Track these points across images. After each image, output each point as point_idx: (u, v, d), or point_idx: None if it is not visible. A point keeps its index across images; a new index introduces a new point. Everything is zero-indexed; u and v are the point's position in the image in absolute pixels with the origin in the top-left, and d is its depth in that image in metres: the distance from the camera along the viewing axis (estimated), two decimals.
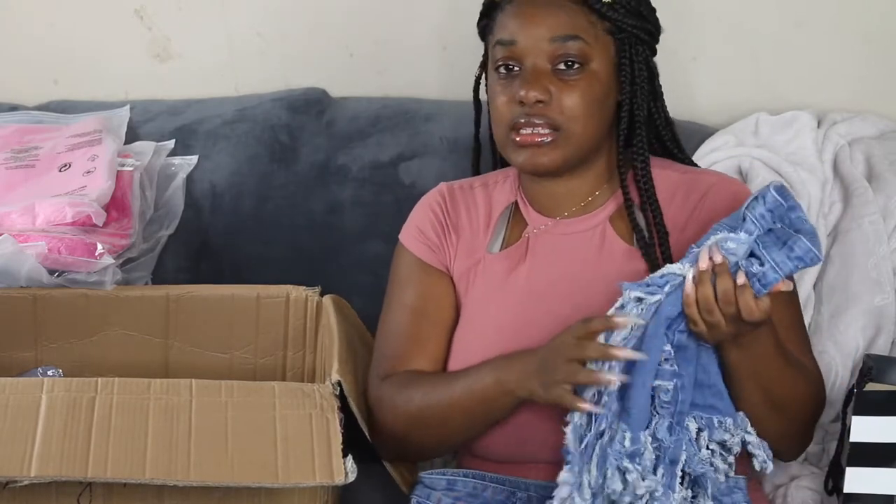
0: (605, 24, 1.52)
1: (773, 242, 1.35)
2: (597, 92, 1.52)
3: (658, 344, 1.37)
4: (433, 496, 1.58)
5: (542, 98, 1.50)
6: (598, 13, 1.52)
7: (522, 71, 1.52)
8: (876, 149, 1.89)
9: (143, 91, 2.15)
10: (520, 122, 1.51)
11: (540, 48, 1.51)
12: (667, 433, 1.38)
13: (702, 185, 1.57)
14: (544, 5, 1.52)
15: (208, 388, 1.48)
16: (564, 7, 1.51)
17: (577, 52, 1.50)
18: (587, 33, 1.51)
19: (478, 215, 1.64)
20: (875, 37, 1.99)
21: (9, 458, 1.37)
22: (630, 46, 1.54)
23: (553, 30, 1.50)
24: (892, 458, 1.48)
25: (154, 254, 1.91)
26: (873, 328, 1.76)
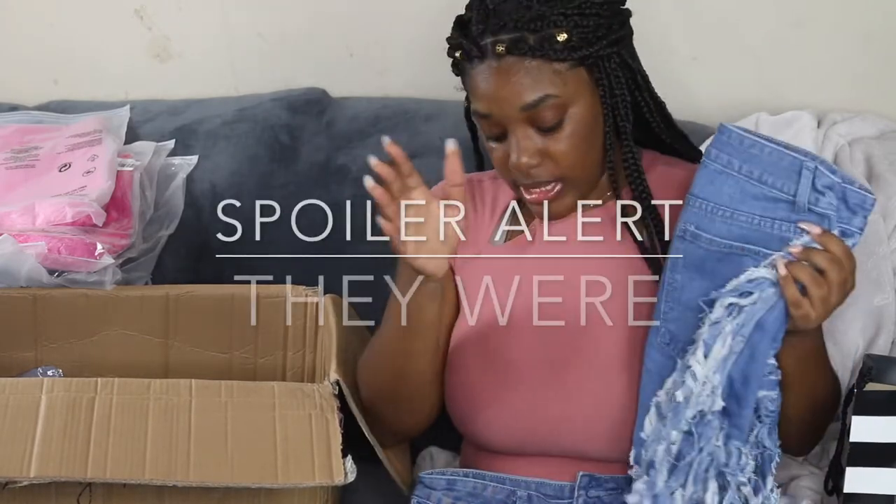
0: (569, 63, 1.48)
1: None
2: (584, 130, 1.50)
3: (763, 357, 1.39)
4: (433, 496, 1.58)
5: (533, 163, 1.49)
6: (558, 60, 1.46)
7: (508, 137, 1.50)
8: (876, 149, 1.89)
9: (143, 91, 2.15)
10: (523, 183, 1.51)
11: (514, 117, 1.48)
12: (769, 439, 1.43)
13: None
14: (505, 71, 1.46)
15: (208, 388, 1.49)
16: (525, 67, 1.46)
17: (551, 110, 1.47)
18: (555, 86, 1.47)
19: (483, 207, 1.64)
20: (875, 37, 1.98)
21: (8, 458, 1.38)
22: (602, 63, 1.50)
23: (520, 98, 1.46)
24: (892, 458, 1.48)
25: (154, 254, 1.91)
26: (873, 328, 1.76)
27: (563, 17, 1.45)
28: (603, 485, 1.52)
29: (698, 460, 1.41)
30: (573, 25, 1.46)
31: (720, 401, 1.39)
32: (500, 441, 1.56)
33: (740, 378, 1.39)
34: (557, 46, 1.45)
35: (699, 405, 1.40)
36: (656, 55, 1.59)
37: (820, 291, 1.37)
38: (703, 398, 1.39)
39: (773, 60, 2.00)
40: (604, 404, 1.51)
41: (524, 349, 1.55)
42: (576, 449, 1.53)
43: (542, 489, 1.53)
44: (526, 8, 1.46)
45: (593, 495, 1.52)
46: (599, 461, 1.52)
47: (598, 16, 1.48)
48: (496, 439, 1.56)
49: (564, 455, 1.53)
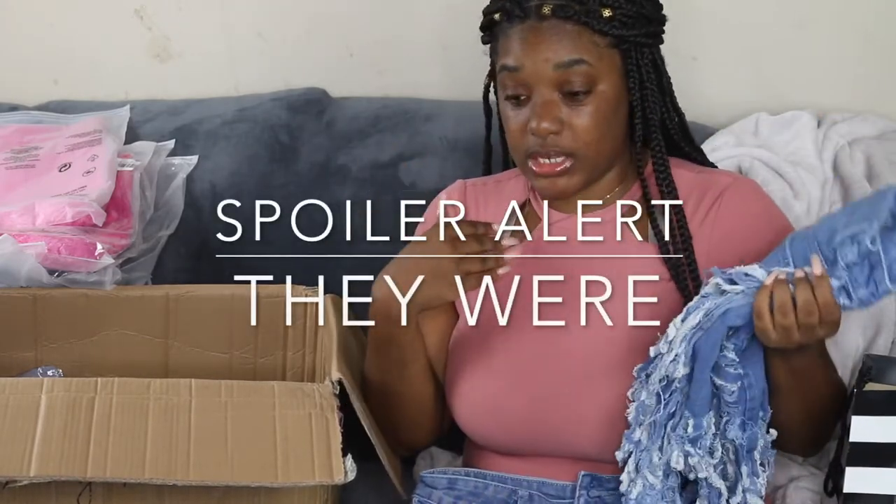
0: (608, 40, 1.51)
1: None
2: (607, 110, 1.51)
3: (713, 344, 1.39)
4: (434, 495, 1.58)
5: (553, 129, 1.50)
6: (599, 32, 1.50)
7: (531, 101, 1.51)
8: (876, 149, 1.89)
9: (143, 91, 2.15)
10: (535, 151, 1.52)
11: (545, 76, 1.50)
12: (739, 431, 1.42)
13: (717, 186, 1.57)
14: (546, 30, 1.50)
15: (208, 388, 1.48)
16: (566, 30, 1.49)
17: (582, 76, 1.49)
18: (591, 54, 1.50)
19: (487, 210, 1.64)
20: (875, 37, 1.98)
21: (8, 457, 1.37)
22: (636, 53, 1.53)
23: (556, 56, 1.49)
24: (892, 458, 1.48)
25: (154, 254, 1.91)
26: (873, 328, 1.76)
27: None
28: (604, 484, 1.52)
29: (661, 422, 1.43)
30: (618, 6, 1.50)
31: (682, 368, 1.40)
32: (502, 441, 1.56)
33: (698, 357, 1.41)
34: (602, 20, 1.49)
35: (664, 369, 1.41)
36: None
37: (783, 320, 1.37)
38: (668, 363, 1.41)
39: (773, 60, 2.00)
40: (604, 405, 1.51)
41: (525, 349, 1.55)
42: (577, 449, 1.52)
43: (544, 489, 1.53)
44: None
45: (594, 495, 1.52)
46: (601, 461, 1.52)
47: (642, 6, 1.52)
48: (498, 439, 1.56)
49: (566, 455, 1.53)
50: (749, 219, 1.54)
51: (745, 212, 1.55)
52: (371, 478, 1.55)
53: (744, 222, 1.54)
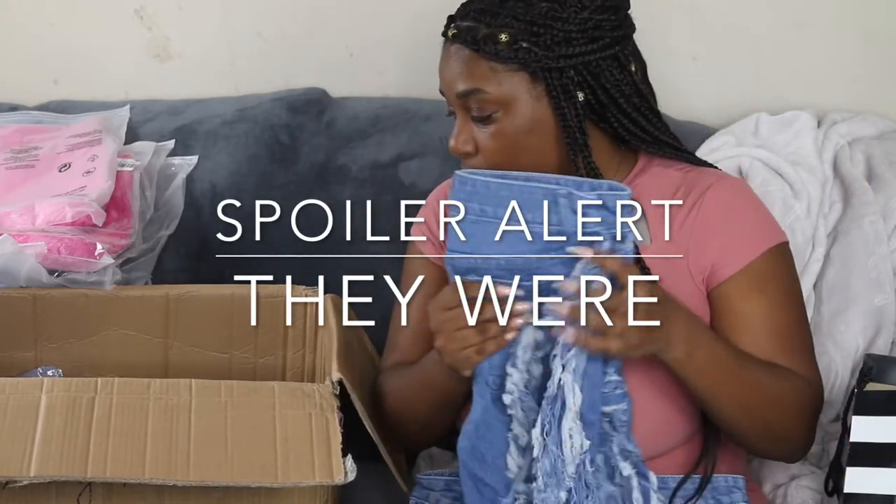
0: (510, 65, 1.48)
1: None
2: (516, 132, 1.50)
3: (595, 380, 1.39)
4: (431, 496, 1.58)
5: (465, 150, 1.52)
6: (496, 59, 1.47)
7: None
8: (876, 149, 1.89)
9: (143, 91, 2.15)
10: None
11: (454, 101, 1.52)
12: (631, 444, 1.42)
13: (701, 185, 1.55)
14: (451, 56, 1.51)
15: (208, 388, 1.48)
16: (463, 58, 1.49)
17: (480, 104, 1.49)
18: (488, 82, 1.48)
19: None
20: (875, 37, 1.98)
21: (8, 457, 1.37)
22: (550, 74, 1.48)
23: (455, 84, 1.50)
24: (892, 458, 1.48)
25: (154, 254, 1.91)
26: (873, 328, 1.76)
27: (514, 20, 1.46)
28: None
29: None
30: (521, 30, 1.46)
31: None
32: None
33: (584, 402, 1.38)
34: (497, 47, 1.47)
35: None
36: (656, 55, 1.59)
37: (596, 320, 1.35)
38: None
39: (773, 60, 2.00)
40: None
41: None
42: None
43: None
44: (496, 3, 1.48)
45: None
46: None
47: (552, 28, 1.47)
48: None
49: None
50: (728, 217, 1.53)
51: (724, 210, 1.53)
52: (371, 478, 1.55)
53: (722, 220, 1.52)
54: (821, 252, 1.82)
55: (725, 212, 1.53)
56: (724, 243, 1.51)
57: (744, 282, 1.51)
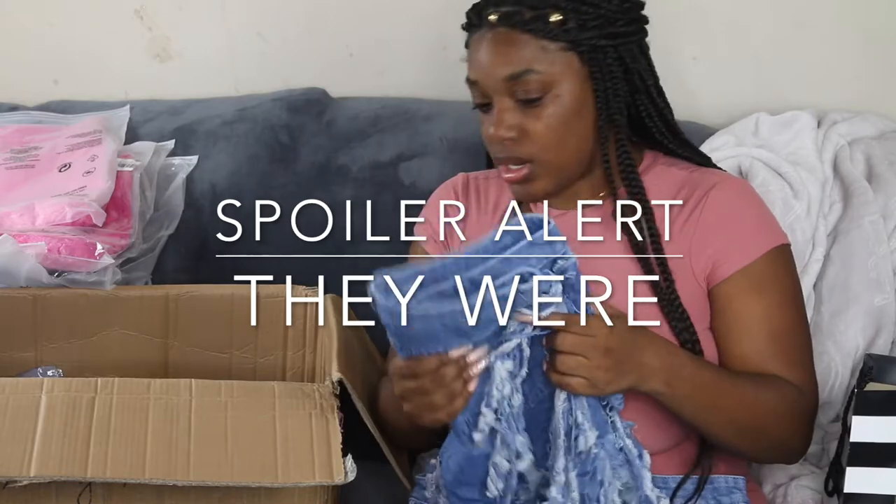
0: (560, 44, 1.49)
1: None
2: (565, 113, 1.50)
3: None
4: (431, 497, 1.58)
5: (510, 136, 1.50)
6: (548, 38, 1.48)
7: (491, 107, 1.51)
8: (876, 149, 1.89)
9: (143, 91, 2.16)
10: (500, 158, 1.53)
11: (498, 87, 1.50)
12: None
13: (705, 184, 1.55)
14: (495, 40, 1.50)
15: (208, 388, 1.49)
16: (513, 39, 1.49)
17: (533, 85, 1.48)
18: (540, 62, 1.48)
19: (487, 204, 1.65)
20: (875, 37, 1.99)
21: (8, 457, 1.38)
22: (596, 54, 1.50)
23: (505, 68, 1.49)
24: (892, 458, 1.48)
25: (154, 254, 1.91)
26: (873, 328, 1.76)
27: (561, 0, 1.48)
28: None
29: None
30: (570, 9, 1.48)
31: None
32: None
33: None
34: (550, 25, 1.47)
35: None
36: (656, 55, 1.59)
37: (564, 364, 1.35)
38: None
39: (773, 60, 2.00)
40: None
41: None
42: None
43: None
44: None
45: None
46: None
47: (599, 6, 1.49)
48: None
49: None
50: (730, 216, 1.53)
51: (727, 210, 1.53)
52: (371, 478, 1.55)
53: (724, 220, 1.53)
54: (821, 252, 1.82)
55: (728, 211, 1.53)
56: (726, 242, 1.52)
57: (743, 281, 1.51)
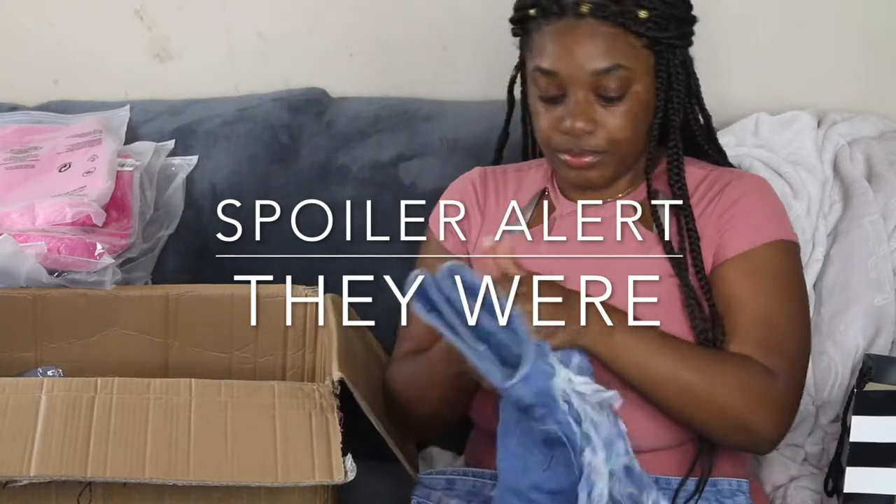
0: (643, 41, 1.50)
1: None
2: (639, 110, 1.52)
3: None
4: (433, 496, 1.58)
5: (588, 129, 1.50)
6: (636, 33, 1.49)
7: (566, 100, 1.50)
8: (876, 149, 1.89)
9: (143, 91, 2.15)
10: (568, 148, 1.52)
11: (582, 80, 1.49)
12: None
13: (723, 179, 1.58)
14: (582, 31, 1.48)
15: (208, 387, 1.48)
16: (603, 34, 1.48)
17: (619, 80, 1.49)
18: (627, 57, 1.49)
19: (506, 198, 1.65)
20: (875, 37, 1.98)
21: (8, 457, 1.37)
22: (668, 54, 1.52)
23: (594, 61, 1.48)
24: (892, 458, 1.48)
25: (154, 254, 1.91)
26: (873, 328, 1.76)
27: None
28: None
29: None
30: (653, 6, 1.49)
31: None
32: None
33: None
34: (637, 20, 1.48)
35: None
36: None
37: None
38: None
39: (773, 60, 2.00)
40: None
41: None
42: None
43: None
44: None
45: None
46: None
47: (675, 6, 1.52)
48: None
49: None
50: (741, 205, 1.54)
51: (739, 200, 1.55)
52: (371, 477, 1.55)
53: (735, 208, 1.54)
54: (821, 252, 1.82)
55: (740, 201, 1.55)
56: (732, 227, 1.53)
57: (742, 266, 1.52)
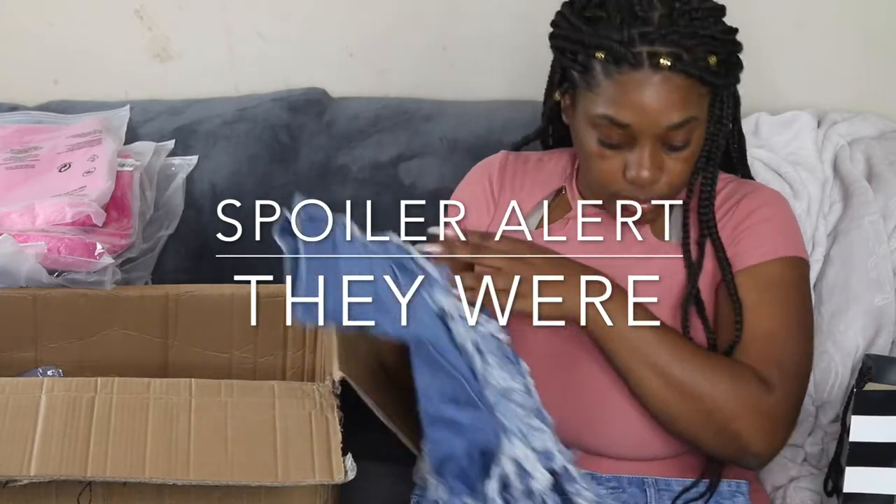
0: (709, 87, 1.47)
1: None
2: (698, 150, 1.50)
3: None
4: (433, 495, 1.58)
5: (655, 179, 1.47)
6: (708, 83, 1.45)
7: (632, 148, 1.46)
8: (876, 149, 1.89)
9: (143, 91, 2.16)
10: (632, 195, 1.49)
11: (656, 133, 1.45)
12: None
13: (740, 191, 1.57)
14: (659, 86, 1.42)
15: (208, 387, 1.48)
16: (678, 87, 1.43)
17: (687, 132, 1.45)
18: (698, 108, 1.46)
19: (523, 187, 1.64)
20: (875, 37, 1.99)
21: (8, 457, 1.37)
22: (724, 91, 1.49)
23: (669, 116, 1.43)
24: (892, 458, 1.48)
25: (154, 254, 1.91)
26: (873, 328, 1.76)
27: (712, 40, 1.44)
28: (604, 483, 1.52)
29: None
30: (721, 50, 1.45)
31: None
32: None
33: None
34: (710, 69, 1.44)
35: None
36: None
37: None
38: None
39: (773, 60, 2.00)
40: (603, 404, 1.51)
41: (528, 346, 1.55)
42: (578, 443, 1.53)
43: None
44: (675, 22, 1.42)
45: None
46: (602, 456, 1.53)
47: (733, 42, 1.48)
48: None
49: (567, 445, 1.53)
50: (754, 219, 1.54)
51: (753, 213, 1.54)
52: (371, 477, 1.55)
53: (748, 221, 1.54)
54: (821, 252, 1.82)
55: (754, 214, 1.54)
56: (744, 241, 1.53)
57: (749, 279, 1.51)
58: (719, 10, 1.48)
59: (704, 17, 1.45)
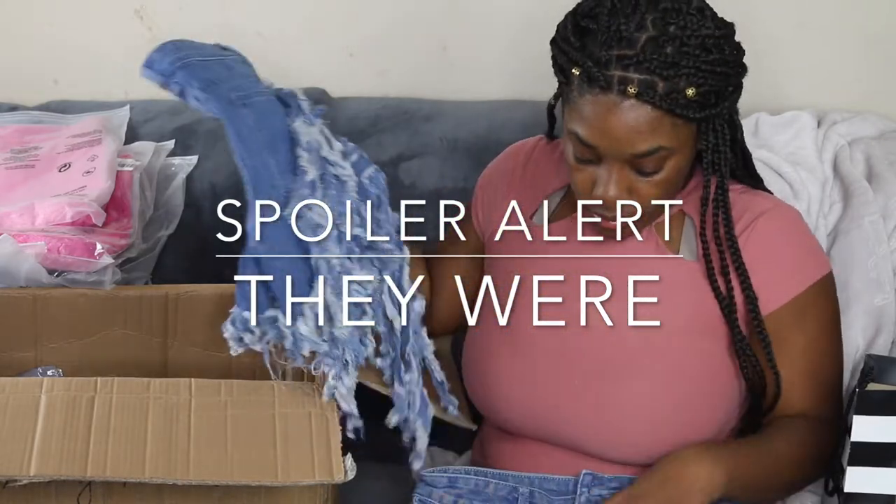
0: (687, 120, 1.42)
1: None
2: (676, 176, 1.47)
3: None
4: (435, 494, 1.58)
5: (621, 198, 1.45)
6: (681, 116, 1.41)
7: (601, 167, 1.45)
8: (876, 149, 1.89)
9: (143, 91, 2.15)
10: (598, 211, 1.48)
11: (620, 157, 1.43)
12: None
13: (755, 210, 1.55)
14: (625, 112, 1.39)
15: (208, 387, 1.48)
16: (646, 117, 1.39)
17: (658, 160, 1.43)
18: (670, 138, 1.42)
19: (536, 175, 1.65)
20: (875, 37, 1.99)
21: (8, 457, 1.37)
22: (713, 122, 1.46)
23: (634, 145, 1.40)
24: (893, 458, 1.48)
25: (154, 254, 1.91)
26: (873, 328, 1.76)
27: (696, 71, 1.39)
28: (606, 484, 1.52)
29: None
30: (702, 82, 1.40)
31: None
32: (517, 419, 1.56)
33: None
34: (684, 101, 1.40)
35: None
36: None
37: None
38: None
39: (773, 60, 2.00)
40: (605, 404, 1.51)
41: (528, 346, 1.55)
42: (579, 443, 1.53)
43: (545, 485, 1.53)
44: (660, 48, 1.39)
45: (596, 494, 1.52)
46: (603, 459, 1.53)
47: (725, 74, 1.43)
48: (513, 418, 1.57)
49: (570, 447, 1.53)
50: (776, 249, 1.53)
51: (773, 242, 1.53)
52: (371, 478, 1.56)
53: (770, 252, 1.52)
54: None
55: (774, 243, 1.53)
56: (770, 276, 1.51)
57: (786, 317, 1.52)
58: (720, 39, 1.43)
59: (697, 45, 1.40)
